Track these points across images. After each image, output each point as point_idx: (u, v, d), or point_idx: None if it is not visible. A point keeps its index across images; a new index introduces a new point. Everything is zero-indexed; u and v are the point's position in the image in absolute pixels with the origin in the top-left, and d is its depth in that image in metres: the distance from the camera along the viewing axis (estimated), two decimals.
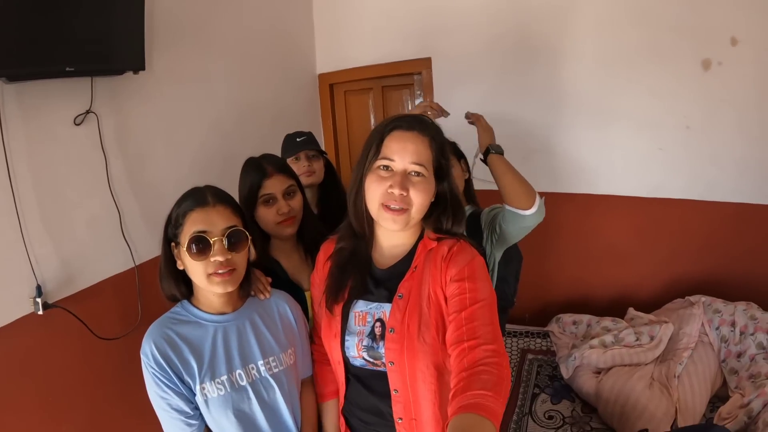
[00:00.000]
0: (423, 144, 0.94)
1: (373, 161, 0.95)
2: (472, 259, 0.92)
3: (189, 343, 0.98)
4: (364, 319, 0.98)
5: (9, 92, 1.43)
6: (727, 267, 2.22)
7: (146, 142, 1.87)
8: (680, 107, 2.20)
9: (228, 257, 0.95)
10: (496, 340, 0.84)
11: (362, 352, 0.97)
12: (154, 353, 0.95)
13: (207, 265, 0.94)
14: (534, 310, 2.64)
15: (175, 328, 0.99)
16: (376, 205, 0.94)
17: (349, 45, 2.84)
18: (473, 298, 0.87)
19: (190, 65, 2.04)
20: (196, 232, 0.94)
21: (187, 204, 0.99)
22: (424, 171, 0.93)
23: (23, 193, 1.47)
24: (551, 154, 2.52)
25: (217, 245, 0.94)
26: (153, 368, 0.95)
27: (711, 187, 2.22)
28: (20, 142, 1.47)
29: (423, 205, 0.94)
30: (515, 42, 2.47)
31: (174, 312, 1.03)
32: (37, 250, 1.51)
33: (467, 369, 0.80)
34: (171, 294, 1.04)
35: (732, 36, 2.02)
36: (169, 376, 0.95)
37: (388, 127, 0.96)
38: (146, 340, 0.97)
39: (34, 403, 1.47)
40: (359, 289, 1.00)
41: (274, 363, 1.03)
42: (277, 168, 1.32)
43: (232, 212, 1.00)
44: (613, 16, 2.27)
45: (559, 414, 1.92)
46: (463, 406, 0.74)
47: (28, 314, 1.48)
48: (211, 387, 0.97)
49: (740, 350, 1.89)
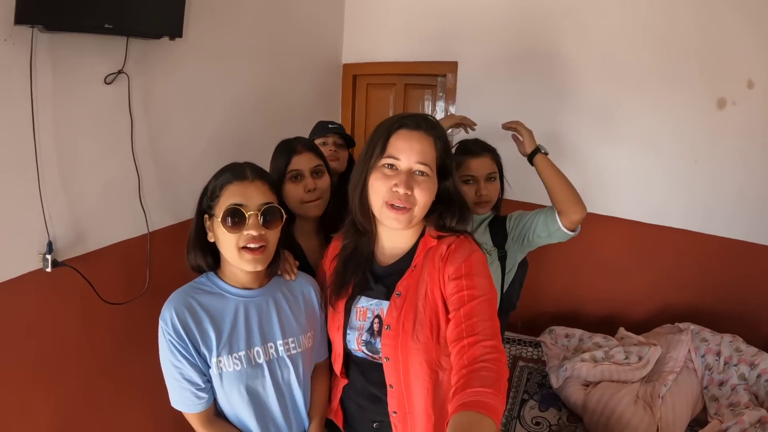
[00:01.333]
0: (428, 143, 0.96)
1: (379, 159, 0.96)
2: (470, 255, 0.93)
3: (210, 314, 0.98)
4: (365, 315, 1.01)
5: (42, 41, 1.39)
6: (716, 299, 2.32)
7: (170, 111, 1.85)
8: (690, 139, 2.28)
9: (261, 233, 0.96)
10: (495, 335, 0.85)
11: (362, 346, 1.01)
12: (174, 320, 0.95)
13: (239, 238, 0.95)
14: (525, 319, 2.71)
15: (198, 297, 0.99)
16: (380, 202, 0.95)
17: (378, 39, 2.85)
18: (471, 294, 0.89)
19: (220, 39, 2.02)
20: (232, 204, 0.95)
21: (226, 177, 1.00)
22: (428, 170, 0.95)
23: (44, 145, 1.43)
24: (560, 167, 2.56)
25: (252, 219, 0.95)
26: (170, 336, 0.95)
27: (708, 219, 2.31)
28: (47, 93, 1.43)
29: (426, 203, 0.96)
30: (537, 55, 2.52)
31: (198, 282, 1.03)
32: (51, 205, 1.48)
33: (467, 366, 0.81)
34: (197, 264, 1.04)
35: (749, 79, 2.11)
36: (186, 346, 0.95)
37: (394, 125, 0.97)
38: (167, 306, 0.97)
39: (30, 363, 1.43)
40: (361, 285, 1.03)
41: (293, 344, 1.05)
42: (307, 146, 1.36)
43: (269, 189, 1.01)
44: (632, 39, 2.33)
45: (545, 421, 1.99)
46: (463, 404, 0.75)
47: (36, 270, 1.44)
48: (227, 361, 0.97)
49: (723, 379, 1.98)
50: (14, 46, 1.31)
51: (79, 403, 1.59)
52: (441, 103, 2.86)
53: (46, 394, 1.48)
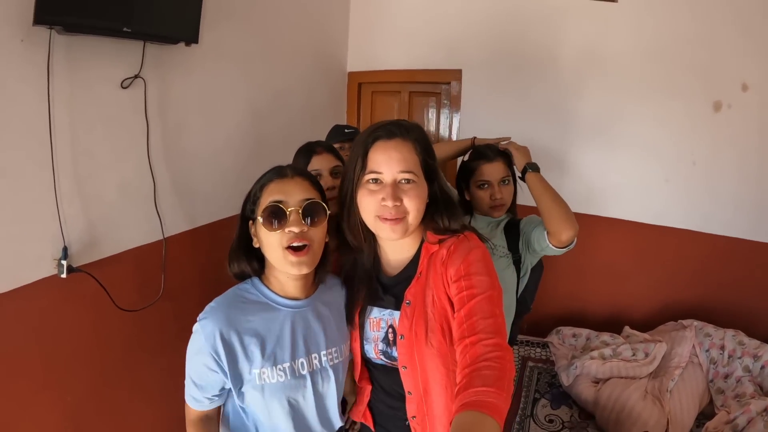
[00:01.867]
0: (407, 149, 0.94)
1: (362, 176, 0.94)
2: (467, 255, 0.93)
3: (255, 329, 0.94)
4: (378, 326, 1.02)
5: (60, 43, 1.38)
6: (717, 296, 2.39)
7: (186, 115, 1.85)
8: (688, 143, 2.37)
9: (303, 229, 0.91)
10: (498, 333, 0.84)
11: (380, 355, 1.02)
12: (215, 338, 0.90)
13: (282, 236, 0.91)
14: (531, 321, 2.74)
15: (243, 308, 0.94)
16: (372, 217, 0.94)
17: (382, 47, 2.90)
18: (470, 294, 0.88)
19: (233, 44, 2.05)
20: (271, 201, 0.92)
21: (266, 177, 0.97)
22: (414, 177, 0.93)
23: (60, 148, 1.41)
24: (562, 173, 2.64)
25: (293, 216, 0.91)
26: (208, 348, 0.90)
27: (707, 219, 2.39)
28: (64, 96, 1.41)
29: (418, 209, 0.94)
30: (541, 63, 2.60)
31: (243, 289, 0.98)
32: (66, 210, 1.45)
33: (470, 365, 0.81)
34: (240, 271, 1.00)
35: (744, 82, 2.20)
36: (220, 363, 0.91)
37: (369, 138, 0.95)
38: (212, 317, 0.92)
39: (42, 368, 1.41)
40: (371, 297, 1.03)
41: (335, 353, 1.02)
42: (326, 148, 1.39)
43: (311, 185, 0.97)
44: (632, 49, 2.42)
45: (558, 418, 2.01)
46: (465, 404, 0.75)
47: (50, 276, 1.42)
48: (271, 372, 0.94)
49: (728, 372, 2.04)
50: (31, 47, 1.30)
51: (90, 408, 1.57)
52: (446, 111, 2.90)
53: (57, 399, 1.46)
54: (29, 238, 1.35)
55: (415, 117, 3.00)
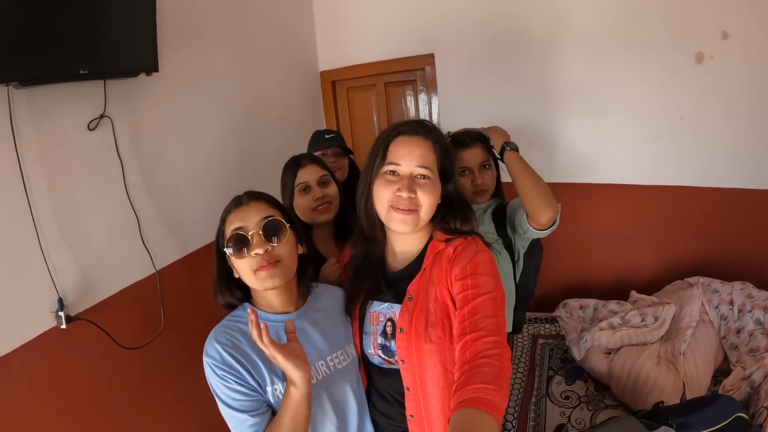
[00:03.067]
0: (427, 147, 0.98)
1: (380, 167, 0.99)
2: (475, 255, 0.96)
3: (256, 349, 0.93)
4: (377, 319, 1.04)
5: (20, 97, 1.37)
6: (722, 249, 2.35)
7: (160, 145, 1.85)
8: (674, 98, 2.30)
9: (267, 248, 0.93)
10: (498, 332, 0.86)
11: (378, 350, 1.03)
12: (221, 353, 0.92)
13: (251, 261, 0.93)
14: (537, 296, 2.72)
15: (238, 330, 0.96)
16: (386, 207, 0.98)
17: (350, 42, 2.85)
18: (475, 293, 0.90)
19: (197, 65, 2.02)
20: (233, 230, 0.95)
21: (226, 209, 1.01)
22: (430, 174, 0.97)
23: (38, 202, 1.42)
24: (551, 146, 2.60)
25: (255, 238, 0.93)
26: (221, 368, 0.92)
27: (704, 174, 2.34)
28: (33, 148, 1.42)
29: (431, 205, 0.98)
30: (513, 37, 2.53)
31: (235, 315, 1.01)
32: (55, 261, 1.46)
33: (469, 362, 0.82)
34: (227, 302, 1.03)
35: (723, 30, 2.13)
36: (240, 374, 0.92)
37: (392, 133, 1.01)
38: (209, 343, 0.94)
39: (58, 417, 1.44)
40: (373, 290, 1.05)
41: (342, 356, 1.03)
42: (311, 159, 1.43)
43: (267, 205, 0.99)
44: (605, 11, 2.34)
45: (574, 394, 2.01)
46: (464, 401, 0.75)
47: (51, 329, 1.44)
48: (282, 387, 0.94)
49: (739, 327, 2.02)
50: None
51: None
52: (423, 96, 2.85)
53: None
54: (23, 295, 1.38)
55: (393, 107, 2.95)
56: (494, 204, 1.54)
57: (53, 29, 1.33)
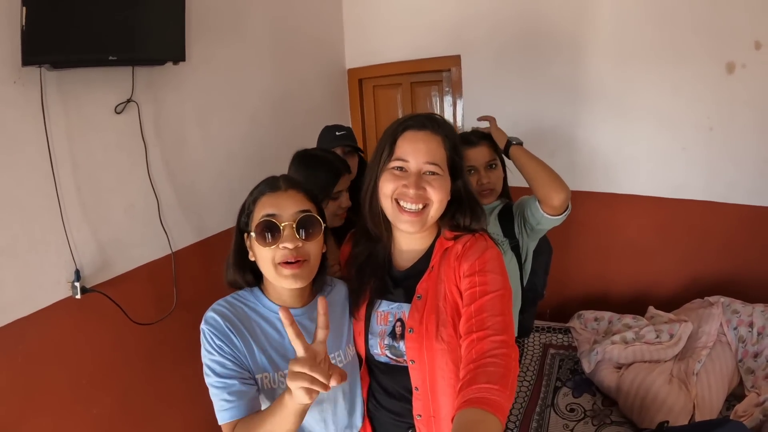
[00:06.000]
0: (436, 143, 0.94)
1: (387, 162, 0.95)
2: (484, 252, 0.93)
3: (256, 334, 0.93)
4: (386, 319, 1.01)
5: (51, 79, 1.46)
6: (745, 268, 2.26)
7: (184, 132, 1.91)
8: (703, 108, 2.23)
9: (298, 245, 0.88)
10: (506, 331, 0.84)
11: (385, 351, 1.00)
12: (217, 320, 0.89)
13: (276, 252, 0.88)
14: (554, 306, 2.69)
15: (240, 310, 0.93)
16: (390, 200, 0.94)
17: (378, 40, 2.87)
18: (483, 290, 0.88)
19: (224, 56, 2.08)
20: (264, 216, 0.89)
21: (258, 190, 0.95)
22: (439, 170, 0.94)
23: (64, 179, 1.51)
24: (575, 151, 2.55)
25: (287, 231, 0.88)
26: (214, 334, 0.88)
27: (730, 188, 2.25)
28: (61, 129, 1.50)
29: (441, 201, 0.94)
30: (541, 40, 2.50)
31: (240, 295, 0.97)
32: (75, 235, 1.54)
33: (475, 361, 0.80)
34: (233, 280, 0.98)
35: (756, 40, 2.04)
36: (232, 345, 0.88)
37: (399, 127, 0.96)
38: (210, 311, 0.91)
39: (67, 385, 1.52)
40: (380, 290, 1.02)
41: (338, 357, 1.01)
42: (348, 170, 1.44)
43: (306, 198, 0.94)
44: (635, 15, 2.29)
45: (580, 407, 1.96)
46: (468, 401, 0.74)
47: (66, 298, 1.51)
48: (273, 378, 0.92)
49: (757, 350, 1.93)
50: (24, 87, 1.38)
51: (117, 420, 1.66)
52: (449, 98, 2.86)
53: (84, 412, 1.56)
54: (44, 266, 1.46)
55: (418, 106, 2.96)
56: (501, 205, 1.52)
57: (86, 16, 1.40)
